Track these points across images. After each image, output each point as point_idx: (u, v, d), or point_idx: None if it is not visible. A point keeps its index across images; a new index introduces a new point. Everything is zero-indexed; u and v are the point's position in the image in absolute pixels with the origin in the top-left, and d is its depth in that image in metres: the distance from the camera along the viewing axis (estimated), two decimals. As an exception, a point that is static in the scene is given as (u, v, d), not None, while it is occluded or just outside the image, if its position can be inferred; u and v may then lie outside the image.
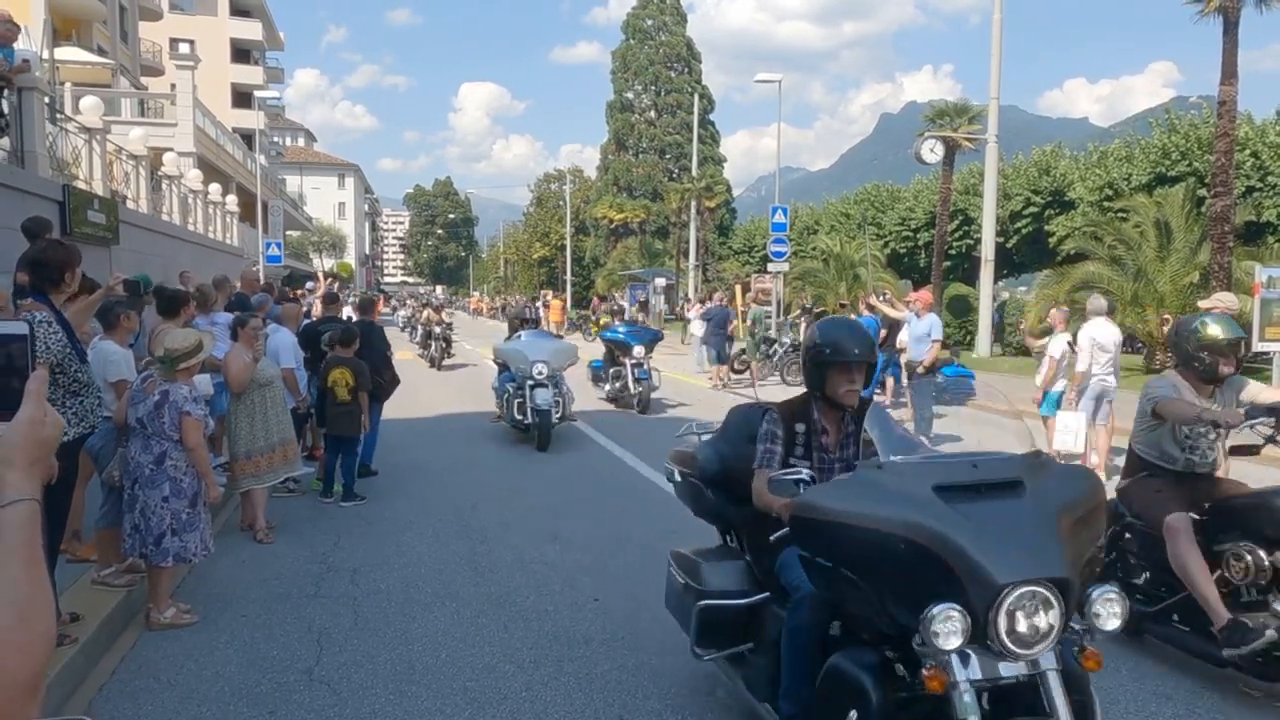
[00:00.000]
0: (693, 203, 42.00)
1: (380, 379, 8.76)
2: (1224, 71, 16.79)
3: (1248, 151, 21.77)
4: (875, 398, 11.71)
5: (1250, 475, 5.06)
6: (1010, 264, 32.08)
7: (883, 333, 12.24)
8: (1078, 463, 8.92)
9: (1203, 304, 7.97)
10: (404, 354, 18.57)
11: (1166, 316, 10.07)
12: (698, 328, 20.03)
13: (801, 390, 3.51)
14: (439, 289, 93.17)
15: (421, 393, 15.29)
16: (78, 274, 4.64)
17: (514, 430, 10.72)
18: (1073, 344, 8.71)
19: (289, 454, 6.84)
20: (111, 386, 5.32)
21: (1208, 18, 16.69)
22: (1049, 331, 10.02)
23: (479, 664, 4.39)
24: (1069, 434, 8.08)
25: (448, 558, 6.18)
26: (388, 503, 7.74)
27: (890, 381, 12.60)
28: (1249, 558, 3.98)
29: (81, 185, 13.30)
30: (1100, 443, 8.59)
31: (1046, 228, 28.60)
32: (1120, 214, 21.71)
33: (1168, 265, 19.06)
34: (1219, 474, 4.59)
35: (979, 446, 3.04)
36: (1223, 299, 7.67)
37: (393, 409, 9.63)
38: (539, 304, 36.04)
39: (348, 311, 14.93)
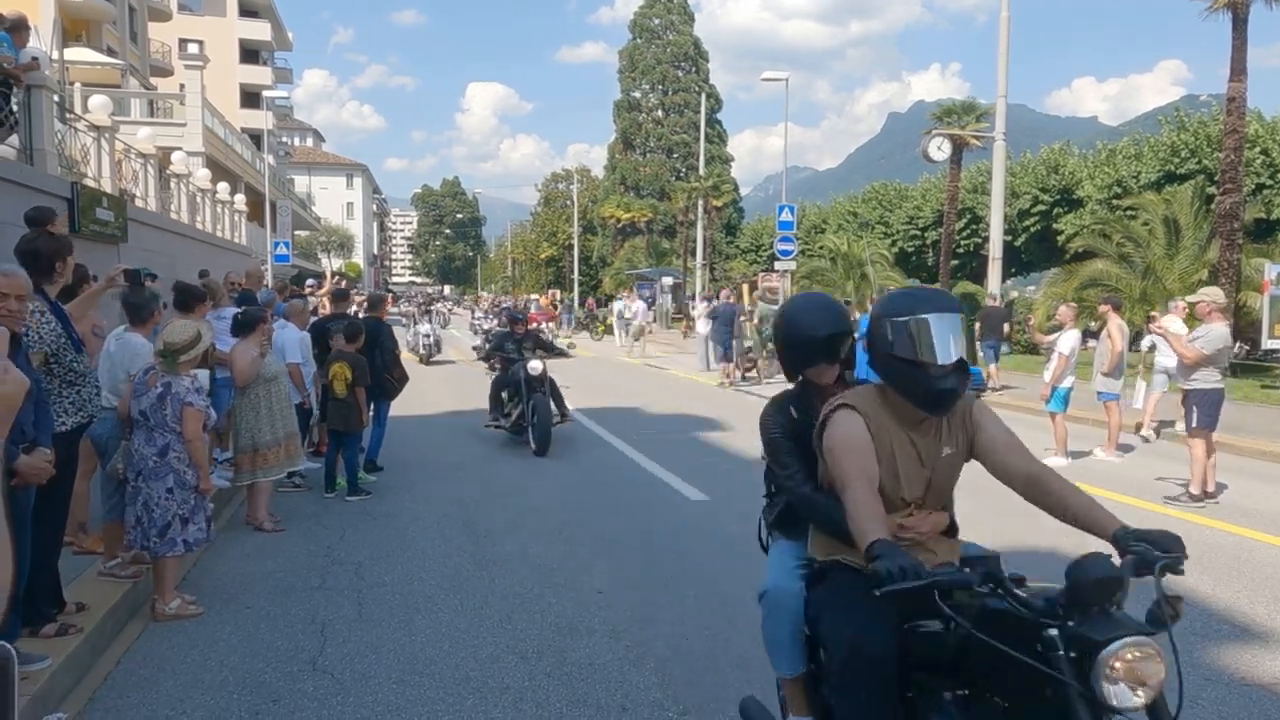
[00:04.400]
0: (699, 202, 41.96)
1: (389, 377, 8.78)
2: (1233, 68, 16.70)
3: (1257, 149, 21.67)
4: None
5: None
6: (1018, 262, 31.99)
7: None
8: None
9: (1190, 299, 8.03)
10: (408, 355, 18.58)
11: (1153, 314, 10.16)
12: (703, 325, 20.03)
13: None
14: (446, 288, 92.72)
15: (426, 390, 15.32)
16: (69, 264, 4.65)
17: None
18: (1086, 337, 9.01)
19: (292, 449, 6.86)
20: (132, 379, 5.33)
21: (1216, 14, 16.61)
22: (1058, 329, 9.98)
23: (482, 654, 4.40)
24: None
25: (452, 551, 6.18)
26: (393, 498, 7.75)
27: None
28: None
29: (90, 183, 13.35)
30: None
31: (1055, 226, 28.52)
32: (1129, 212, 21.63)
33: (1176, 263, 18.98)
34: None
35: None
36: (1208, 293, 7.69)
37: (399, 406, 9.64)
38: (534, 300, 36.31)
39: (353, 309, 14.96)
